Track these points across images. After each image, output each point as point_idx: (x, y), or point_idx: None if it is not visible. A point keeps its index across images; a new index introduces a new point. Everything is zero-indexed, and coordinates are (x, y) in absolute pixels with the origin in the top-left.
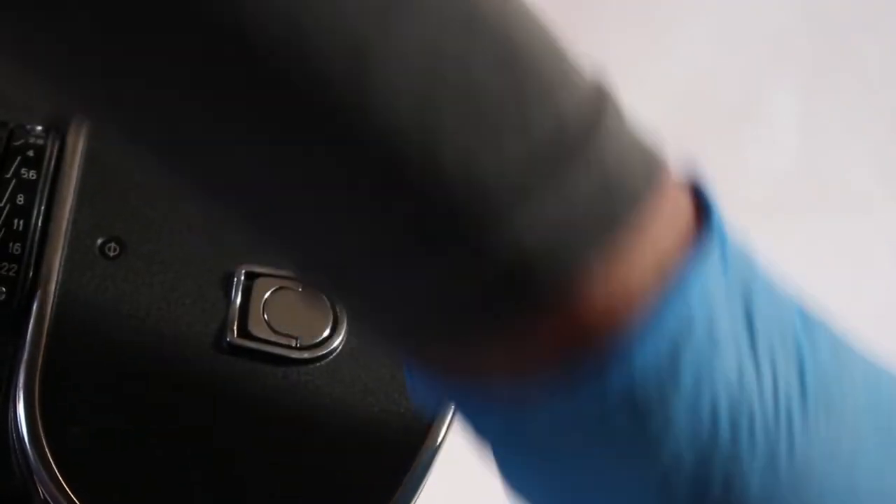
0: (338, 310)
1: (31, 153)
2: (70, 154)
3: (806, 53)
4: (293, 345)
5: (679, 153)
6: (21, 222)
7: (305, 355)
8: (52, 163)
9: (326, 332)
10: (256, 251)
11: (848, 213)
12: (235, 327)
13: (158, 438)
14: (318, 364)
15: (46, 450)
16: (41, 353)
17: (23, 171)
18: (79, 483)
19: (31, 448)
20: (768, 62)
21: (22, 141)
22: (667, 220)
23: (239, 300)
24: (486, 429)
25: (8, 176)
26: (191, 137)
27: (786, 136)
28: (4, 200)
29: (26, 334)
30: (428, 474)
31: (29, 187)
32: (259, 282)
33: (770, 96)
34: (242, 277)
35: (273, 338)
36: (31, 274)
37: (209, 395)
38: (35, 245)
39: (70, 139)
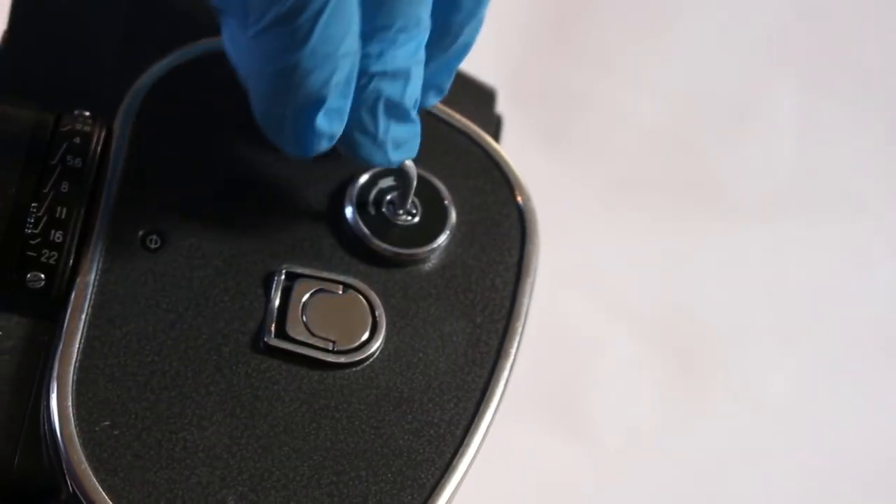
0: (377, 315)
1: (77, 140)
2: (116, 142)
3: (806, 53)
4: (330, 348)
5: (679, 153)
6: (64, 210)
7: (342, 360)
8: (99, 150)
9: (364, 337)
10: None
11: (848, 213)
12: (273, 328)
13: (190, 435)
14: (354, 369)
15: (77, 442)
16: (77, 344)
17: (68, 157)
18: (108, 477)
19: (61, 440)
20: (768, 62)
21: (69, 127)
22: None
23: (278, 300)
24: None
25: (53, 163)
26: None
27: (786, 136)
28: (49, 187)
29: (63, 324)
30: (460, 487)
31: (74, 175)
32: (299, 283)
33: (770, 96)
34: (283, 277)
35: (310, 340)
36: (70, 263)
37: (244, 395)
38: (77, 234)
39: (117, 126)
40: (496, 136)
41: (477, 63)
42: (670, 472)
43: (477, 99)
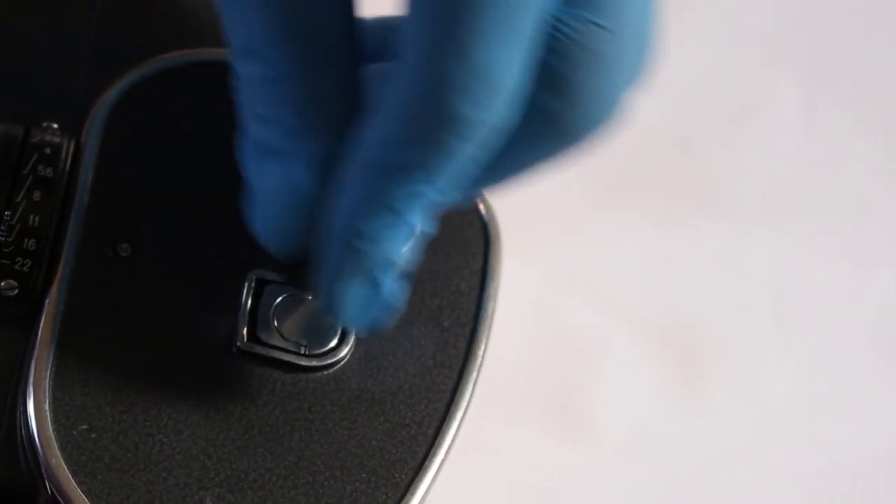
0: None
1: (47, 150)
2: (86, 153)
3: (807, 53)
4: (301, 352)
5: (679, 153)
6: (37, 218)
7: (313, 363)
8: (69, 160)
9: (334, 342)
10: None
11: (848, 213)
12: (245, 332)
13: (166, 438)
14: (325, 372)
15: (55, 446)
16: (52, 350)
17: (39, 167)
18: (87, 480)
19: (39, 444)
20: (769, 61)
21: (38, 138)
22: None
23: (249, 305)
24: None
25: (25, 172)
26: None
27: (786, 136)
28: (21, 196)
29: (37, 331)
30: (432, 487)
31: (46, 184)
32: (269, 288)
33: (770, 96)
34: (253, 283)
35: (282, 344)
36: (44, 270)
37: (218, 398)
38: (50, 242)
39: (85, 137)
40: None
41: None
42: (670, 472)
43: None
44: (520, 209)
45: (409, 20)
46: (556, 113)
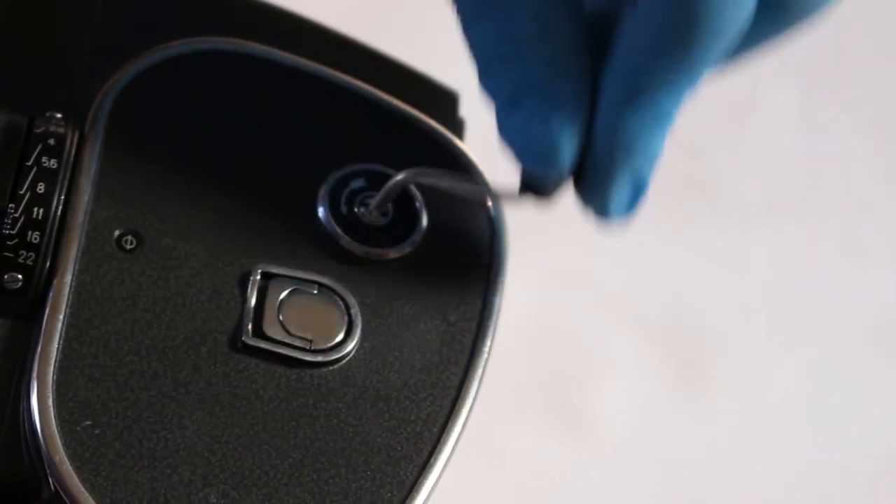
0: (352, 314)
1: (52, 141)
2: (90, 143)
3: (807, 53)
4: (307, 347)
5: (679, 153)
6: (41, 211)
7: (319, 358)
8: (73, 151)
9: (340, 336)
10: None
11: (848, 213)
12: (250, 327)
13: (171, 434)
14: (331, 368)
15: (59, 441)
16: (56, 344)
17: (43, 159)
18: (91, 477)
19: (43, 439)
20: (768, 61)
21: (42, 129)
22: None
23: (254, 300)
24: None
25: (29, 164)
26: None
27: (786, 136)
28: (25, 188)
29: (41, 324)
30: (437, 483)
31: (49, 176)
32: (275, 282)
33: (771, 95)
34: (258, 277)
35: (287, 339)
36: (48, 263)
37: (223, 394)
38: (54, 234)
39: (90, 128)
40: (460, 139)
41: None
42: (671, 471)
43: (440, 102)
44: (519, 210)
45: None
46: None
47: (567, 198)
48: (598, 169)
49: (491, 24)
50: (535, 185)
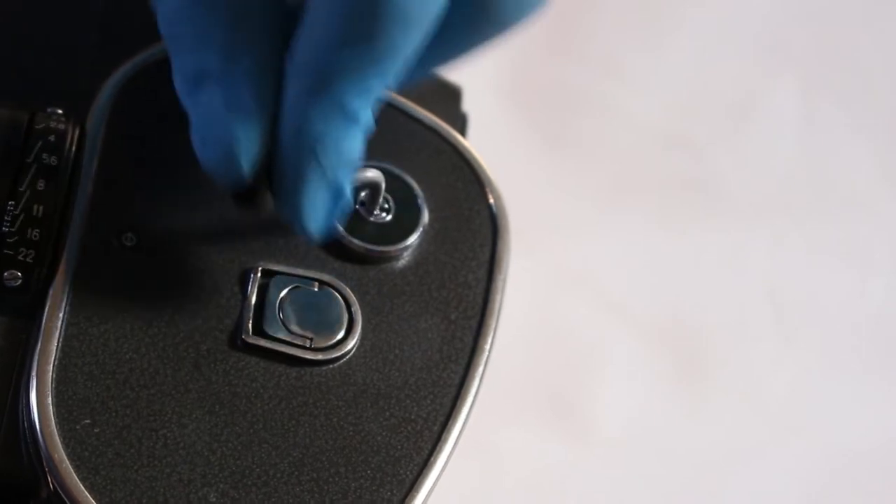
0: (353, 311)
1: (52, 138)
2: (90, 140)
3: (806, 52)
4: (307, 345)
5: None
6: (41, 208)
7: (319, 356)
8: (73, 148)
9: (341, 334)
10: None
11: (848, 213)
12: (250, 325)
13: (170, 433)
14: (331, 366)
15: (58, 439)
16: (56, 342)
17: (44, 155)
18: (90, 475)
19: (42, 438)
20: (768, 62)
21: (43, 125)
22: None
23: (254, 298)
24: None
25: (29, 160)
26: None
27: (786, 136)
28: (25, 185)
29: (41, 322)
30: (437, 482)
31: (50, 172)
32: (275, 280)
33: (770, 96)
34: (259, 275)
35: (288, 337)
36: (48, 261)
37: (223, 392)
38: (54, 232)
39: (90, 124)
40: (462, 134)
41: (476, 63)
42: (670, 471)
43: (443, 97)
44: (519, 209)
45: None
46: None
47: (568, 197)
48: (287, 173)
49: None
50: (237, 194)
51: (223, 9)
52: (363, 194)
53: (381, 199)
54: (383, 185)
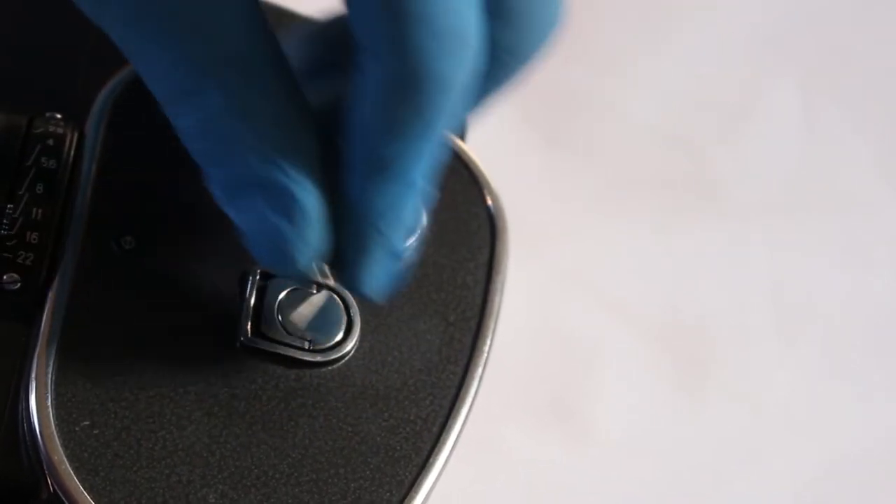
0: (351, 313)
1: (50, 142)
2: (89, 144)
3: (806, 53)
4: (306, 347)
5: (679, 153)
6: (39, 211)
7: (318, 358)
8: (72, 152)
9: (339, 336)
10: None
11: (848, 213)
12: (249, 327)
13: (169, 434)
14: (330, 367)
15: (57, 442)
16: (54, 345)
17: (42, 159)
18: (89, 477)
19: (42, 439)
20: (769, 61)
21: (42, 129)
22: None
23: (253, 300)
24: None
25: (28, 164)
26: None
27: (787, 136)
28: (24, 189)
29: (40, 325)
30: (436, 483)
31: (49, 176)
32: (273, 282)
33: (771, 95)
34: (257, 277)
35: (286, 339)
36: (46, 264)
37: (221, 394)
38: (53, 235)
39: (89, 128)
40: (461, 137)
41: None
42: (670, 471)
43: None
44: (518, 210)
45: (356, 9)
46: (510, 41)
47: (568, 198)
48: (350, 251)
49: (194, 115)
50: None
51: (259, 116)
52: None
53: None
54: None
